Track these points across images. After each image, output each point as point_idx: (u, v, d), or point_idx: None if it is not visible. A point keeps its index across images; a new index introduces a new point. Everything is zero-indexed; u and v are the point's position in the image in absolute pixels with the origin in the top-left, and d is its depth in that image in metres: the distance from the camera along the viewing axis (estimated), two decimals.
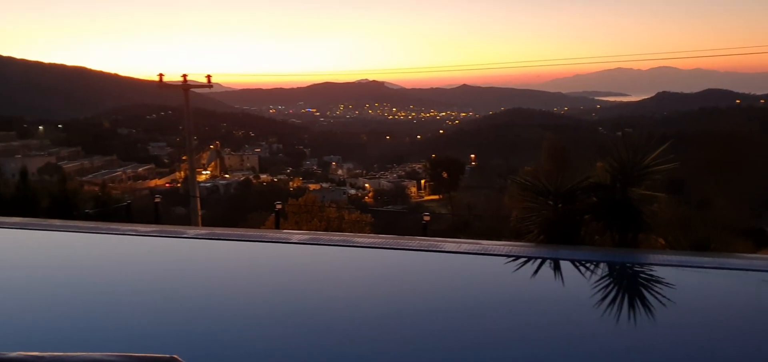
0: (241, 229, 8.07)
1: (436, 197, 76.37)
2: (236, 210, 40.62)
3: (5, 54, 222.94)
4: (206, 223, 30.77)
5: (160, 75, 28.22)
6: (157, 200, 19.16)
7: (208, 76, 30.12)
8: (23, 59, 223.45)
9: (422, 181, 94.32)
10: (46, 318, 4.20)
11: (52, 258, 6.07)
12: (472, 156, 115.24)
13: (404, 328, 4.04)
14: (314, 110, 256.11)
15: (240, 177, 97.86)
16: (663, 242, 6.50)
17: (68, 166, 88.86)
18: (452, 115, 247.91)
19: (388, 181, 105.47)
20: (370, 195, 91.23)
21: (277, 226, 17.67)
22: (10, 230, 6.88)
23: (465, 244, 5.66)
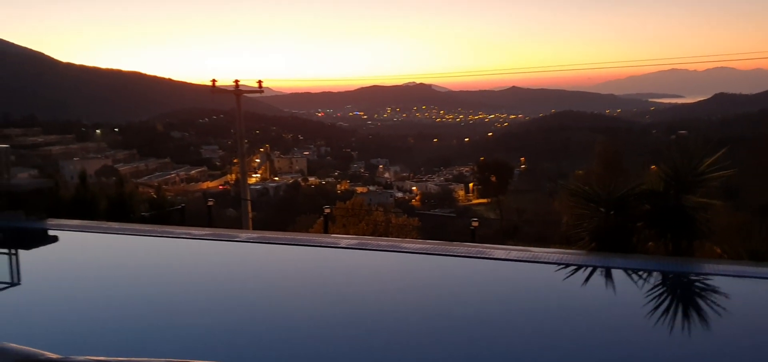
0: (290, 233, 8.20)
1: (484, 201, 75.74)
2: (285, 213, 41.13)
3: (65, 60, 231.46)
4: (256, 225, 31.27)
5: (213, 80, 28.87)
6: (210, 203, 19.54)
7: (260, 82, 30.65)
8: (82, 65, 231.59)
9: (470, 185, 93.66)
10: (107, 319, 4.37)
11: (110, 260, 6.30)
12: (522, 159, 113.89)
13: (452, 334, 4.05)
14: (362, 113, 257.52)
15: (289, 179, 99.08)
16: (719, 251, 6.31)
17: (124, 168, 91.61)
18: (501, 118, 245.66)
19: (435, 184, 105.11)
20: (417, 198, 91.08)
21: (326, 230, 17.83)
22: (70, 232, 7.16)
23: (514, 251, 5.63)
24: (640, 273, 5.33)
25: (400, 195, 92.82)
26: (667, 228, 5.58)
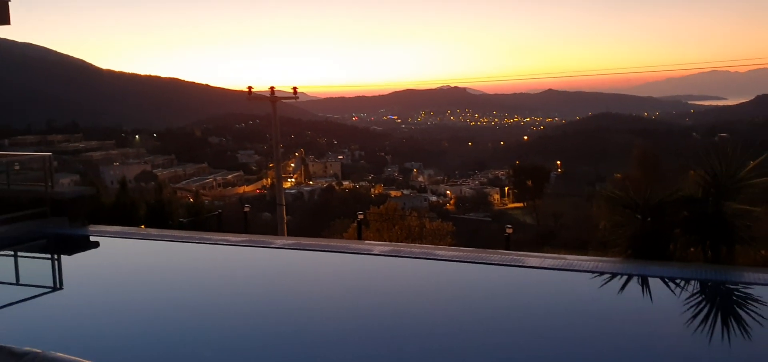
0: (325, 240, 8.28)
1: (519, 205, 75.06)
2: (320, 217, 41.42)
3: (105, 67, 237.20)
4: (291, 230, 31.57)
5: (249, 87, 29.26)
6: (246, 209, 19.83)
7: (294, 88, 30.97)
8: (121, 72, 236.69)
9: (505, 188, 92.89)
10: (144, 324, 4.48)
11: (150, 267, 6.45)
12: (558, 163, 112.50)
13: (486, 342, 4.05)
14: (396, 117, 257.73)
15: (323, 183, 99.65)
16: (764, 255, 6.15)
17: (162, 173, 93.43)
18: (537, 121, 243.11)
19: (470, 188, 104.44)
20: (451, 202, 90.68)
21: (360, 236, 17.92)
22: (111, 239, 7.35)
23: (548, 259, 5.59)
24: (678, 281, 5.24)
25: (434, 199, 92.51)
26: (706, 235, 5.47)
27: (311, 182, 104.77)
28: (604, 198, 6.39)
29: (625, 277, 5.34)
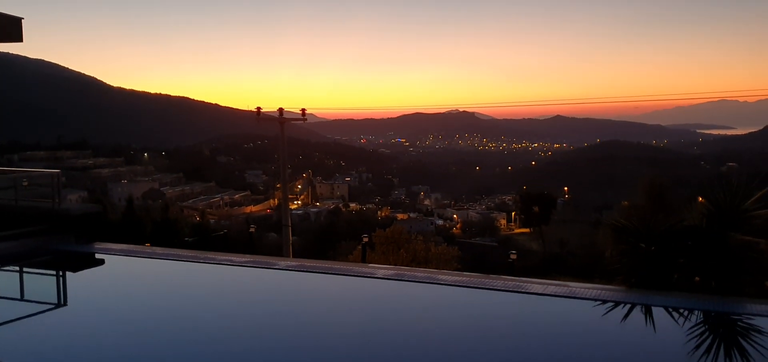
0: (328, 262, 8.28)
1: (526, 230, 74.78)
2: (326, 239, 41.39)
3: (115, 84, 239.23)
4: (297, 251, 31.57)
5: (258, 108, 29.45)
6: (251, 230, 19.93)
7: (303, 110, 31.18)
8: (131, 90, 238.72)
9: (512, 214, 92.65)
10: (147, 343, 4.50)
11: (154, 285, 6.48)
12: (565, 189, 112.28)
13: None
14: (404, 140, 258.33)
15: (330, 205, 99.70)
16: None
17: (170, 191, 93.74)
18: (545, 147, 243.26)
19: (477, 213, 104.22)
20: (458, 226, 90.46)
21: (364, 259, 17.90)
22: (116, 256, 7.39)
23: (552, 286, 5.58)
24: (681, 311, 5.22)
25: (440, 222, 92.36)
26: (710, 266, 5.46)
27: (318, 203, 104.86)
28: (610, 226, 6.39)
29: (628, 306, 5.33)
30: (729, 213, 5.46)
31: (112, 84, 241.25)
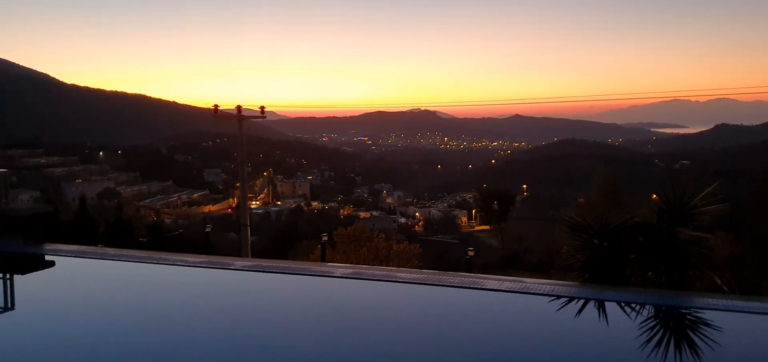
0: (286, 261, 8.20)
1: (486, 227, 75.66)
2: (287, 238, 41.12)
3: (69, 82, 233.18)
4: (257, 251, 31.26)
5: (216, 105, 29.07)
6: (208, 230, 19.64)
7: (262, 107, 30.88)
8: (86, 87, 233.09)
9: (473, 211, 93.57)
10: (98, 347, 4.38)
11: (105, 287, 6.32)
12: (524, 186, 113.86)
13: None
14: (366, 138, 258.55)
15: (291, 204, 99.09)
16: (719, 281, 6.30)
17: (126, 190, 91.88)
18: (504, 145, 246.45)
19: (439, 211, 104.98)
20: (420, 224, 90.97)
21: (323, 258, 17.86)
22: (66, 258, 7.18)
23: (507, 282, 5.63)
24: (633, 305, 5.32)
25: (403, 221, 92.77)
26: (661, 261, 5.59)
27: (279, 202, 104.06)
28: (564, 223, 6.49)
29: (582, 301, 5.40)
30: (678, 209, 5.61)
31: (65, 81, 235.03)
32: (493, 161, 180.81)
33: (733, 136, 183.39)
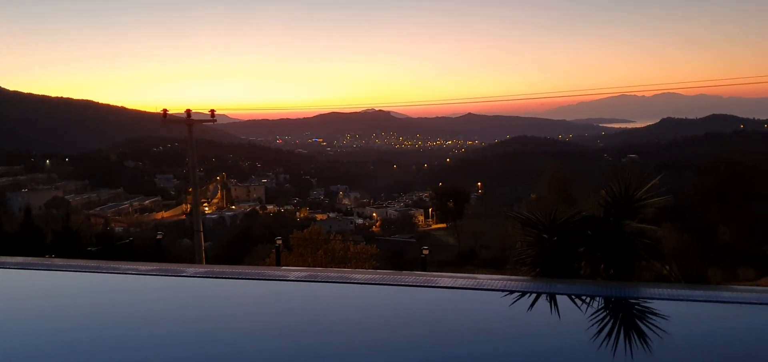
0: (239, 267, 8.10)
1: (442, 226, 76.34)
2: (242, 243, 40.67)
3: (11, 88, 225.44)
4: (211, 257, 30.81)
5: (164, 110, 28.55)
6: (158, 237, 19.26)
7: (212, 111, 30.47)
8: (30, 93, 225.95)
9: (429, 210, 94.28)
10: (41, 359, 4.25)
11: (51, 299, 6.13)
12: (479, 184, 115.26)
13: (399, 360, 4.06)
14: (321, 140, 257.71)
15: (246, 208, 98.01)
16: (667, 272, 6.50)
17: (75, 199, 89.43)
18: (458, 144, 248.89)
19: (396, 210, 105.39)
20: (377, 224, 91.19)
21: (278, 262, 17.72)
22: (9, 270, 6.93)
23: (461, 279, 5.68)
24: (583, 297, 5.43)
25: (360, 221, 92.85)
26: (608, 254, 5.74)
27: (233, 207, 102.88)
28: (515, 219, 6.59)
29: (533, 295, 5.49)
30: (623, 202, 5.76)
31: (8, 88, 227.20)
32: (447, 160, 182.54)
33: (679, 129, 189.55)
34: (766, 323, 5.01)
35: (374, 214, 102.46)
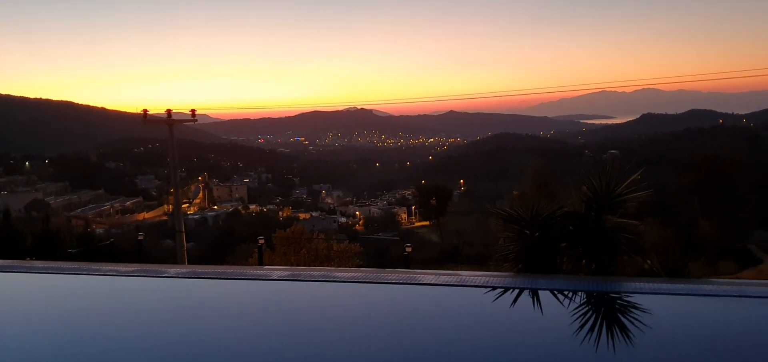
0: (221, 266, 8.05)
1: (425, 223, 76.51)
2: (224, 243, 40.42)
3: None
4: (194, 257, 30.60)
5: (145, 110, 28.27)
6: (140, 238, 19.12)
7: (193, 110, 30.24)
8: (8, 94, 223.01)
9: (412, 208, 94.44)
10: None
11: (31, 301, 6.04)
12: (461, 181, 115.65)
13: (383, 357, 4.05)
14: (303, 139, 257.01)
15: (229, 208, 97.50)
16: (648, 265, 6.54)
17: (56, 201, 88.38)
18: (441, 141, 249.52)
19: (379, 209, 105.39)
20: (360, 223, 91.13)
21: (260, 261, 17.64)
22: None
23: (443, 276, 5.69)
24: (566, 292, 5.46)
25: (343, 220, 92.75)
26: (589, 249, 5.77)
27: (216, 207, 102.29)
28: (497, 215, 6.61)
29: (516, 291, 5.51)
30: (604, 197, 5.80)
31: None
32: (430, 157, 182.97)
33: (659, 124, 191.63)
34: (746, 315, 5.08)
35: (357, 213, 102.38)
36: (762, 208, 55.17)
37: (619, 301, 5.41)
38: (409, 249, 13.99)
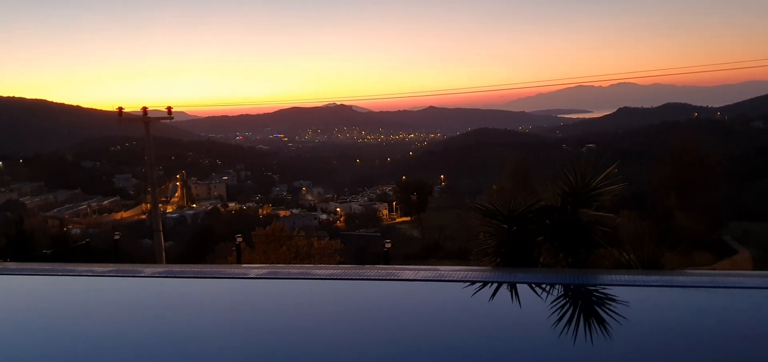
0: (198, 265, 7.97)
1: (407, 219, 76.56)
2: (204, 242, 40.08)
3: None
4: (173, 256, 30.32)
5: (120, 108, 27.91)
6: (116, 237, 18.84)
7: (169, 108, 29.90)
8: None
9: (393, 203, 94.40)
10: None
11: (4, 303, 5.95)
12: (442, 176, 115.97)
13: (362, 353, 4.05)
14: (282, 136, 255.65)
15: (207, 206, 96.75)
16: (624, 258, 6.61)
17: (32, 201, 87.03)
18: (421, 137, 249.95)
19: (360, 205, 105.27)
20: (341, 219, 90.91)
21: (239, 260, 17.52)
22: None
23: (422, 271, 5.70)
24: (543, 286, 5.50)
25: (324, 217, 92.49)
26: (566, 242, 5.81)
27: (194, 205, 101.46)
28: (476, 209, 6.63)
29: (495, 285, 5.53)
30: (580, 191, 5.84)
31: None
32: (410, 153, 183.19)
33: (635, 118, 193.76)
34: (719, 305, 5.16)
35: (338, 209, 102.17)
36: (736, 200, 56.11)
37: (595, 293, 5.47)
38: (389, 246, 13.98)
